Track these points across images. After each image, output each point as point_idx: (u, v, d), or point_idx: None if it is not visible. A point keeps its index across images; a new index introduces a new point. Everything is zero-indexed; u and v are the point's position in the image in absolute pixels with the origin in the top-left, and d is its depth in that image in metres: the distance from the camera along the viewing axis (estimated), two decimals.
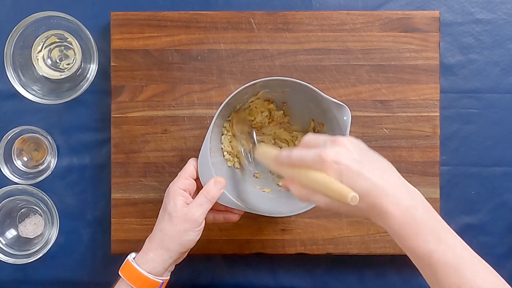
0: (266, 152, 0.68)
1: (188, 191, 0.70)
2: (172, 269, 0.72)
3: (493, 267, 0.86)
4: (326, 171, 0.57)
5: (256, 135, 0.78)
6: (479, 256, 0.58)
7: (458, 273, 0.55)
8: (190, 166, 0.71)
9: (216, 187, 0.70)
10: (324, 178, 0.57)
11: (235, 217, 0.75)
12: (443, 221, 0.59)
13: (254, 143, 0.77)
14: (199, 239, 0.70)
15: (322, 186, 0.57)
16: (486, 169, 0.86)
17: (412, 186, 0.59)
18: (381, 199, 0.56)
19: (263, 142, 0.79)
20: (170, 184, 0.71)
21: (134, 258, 0.70)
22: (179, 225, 0.68)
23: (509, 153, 0.86)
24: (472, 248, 0.85)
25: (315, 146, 0.60)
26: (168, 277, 0.71)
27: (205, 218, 0.70)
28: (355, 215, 0.60)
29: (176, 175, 0.72)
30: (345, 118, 0.71)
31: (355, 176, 0.56)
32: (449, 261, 0.56)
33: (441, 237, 0.57)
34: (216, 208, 0.73)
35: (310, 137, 0.62)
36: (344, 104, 0.71)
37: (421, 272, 0.58)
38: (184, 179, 0.70)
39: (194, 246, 0.71)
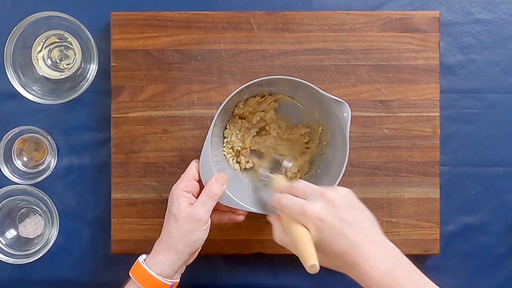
0: (275, 183, 0.70)
1: (191, 193, 0.70)
2: (183, 271, 0.72)
3: (493, 267, 0.87)
4: (307, 226, 0.58)
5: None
6: None
7: None
8: (192, 168, 0.71)
9: (218, 184, 0.70)
10: (298, 233, 0.58)
11: (239, 218, 0.75)
12: (424, 277, 0.59)
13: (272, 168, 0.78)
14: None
15: (294, 241, 0.59)
16: (486, 169, 0.86)
17: (391, 244, 0.60)
18: (362, 260, 0.57)
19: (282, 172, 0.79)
20: (173, 187, 0.70)
21: (144, 260, 0.70)
22: (185, 226, 0.68)
23: (509, 153, 0.86)
24: (472, 248, 0.86)
25: (304, 195, 0.61)
26: (178, 280, 0.71)
27: (210, 219, 0.70)
28: (335, 269, 0.61)
29: (177, 175, 0.72)
30: (345, 114, 0.71)
31: (336, 235, 0.57)
32: None
33: None
34: (220, 208, 0.73)
35: (301, 184, 0.64)
36: (343, 101, 0.71)
37: None
38: (186, 181, 0.70)
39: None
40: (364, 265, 0.57)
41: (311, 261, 0.55)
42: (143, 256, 0.70)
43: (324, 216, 0.58)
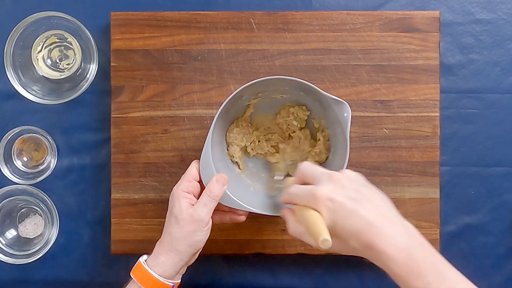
0: (289, 182, 0.69)
1: (192, 193, 0.70)
2: (184, 272, 0.72)
3: (493, 267, 0.87)
4: (319, 209, 0.57)
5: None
6: None
7: None
8: (192, 169, 0.71)
9: (218, 185, 0.70)
10: (310, 216, 0.57)
11: (240, 218, 0.75)
12: (441, 257, 0.58)
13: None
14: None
15: (306, 224, 0.58)
16: (486, 169, 0.86)
17: (408, 223, 0.58)
18: (378, 240, 0.55)
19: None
20: (174, 188, 0.70)
21: (145, 261, 0.70)
22: (186, 227, 0.68)
23: (509, 153, 0.86)
24: (472, 248, 0.86)
25: (311, 180, 0.61)
26: (179, 281, 0.71)
27: (212, 219, 0.70)
28: (351, 254, 0.59)
29: (177, 175, 0.72)
30: (345, 114, 0.71)
31: (348, 214, 0.56)
32: None
33: (442, 276, 0.56)
34: (221, 208, 0.73)
35: (306, 167, 0.63)
36: (343, 101, 0.71)
37: None
38: (187, 181, 0.70)
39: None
40: (381, 244, 0.55)
41: (323, 236, 0.54)
42: (144, 257, 0.70)
43: (334, 196, 0.56)
